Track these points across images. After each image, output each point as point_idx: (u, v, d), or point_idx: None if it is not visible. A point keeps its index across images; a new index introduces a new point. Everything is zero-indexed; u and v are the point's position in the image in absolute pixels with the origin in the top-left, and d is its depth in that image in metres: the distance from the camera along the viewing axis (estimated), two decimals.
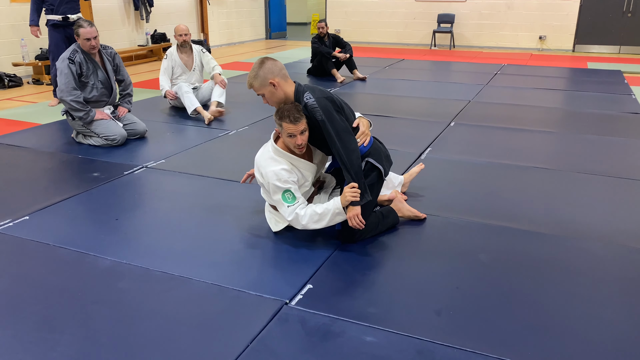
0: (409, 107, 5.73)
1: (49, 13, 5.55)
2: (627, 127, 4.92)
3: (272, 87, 2.53)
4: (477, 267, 2.46)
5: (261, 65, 2.53)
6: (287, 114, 2.44)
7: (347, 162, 2.47)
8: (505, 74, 7.87)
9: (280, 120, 2.47)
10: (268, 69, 2.52)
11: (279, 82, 2.53)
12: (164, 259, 2.51)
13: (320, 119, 2.48)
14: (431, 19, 11.60)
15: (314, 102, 2.48)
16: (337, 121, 2.49)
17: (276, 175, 2.50)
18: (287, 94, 2.56)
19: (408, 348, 1.90)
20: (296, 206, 2.52)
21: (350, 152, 2.48)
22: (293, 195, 2.52)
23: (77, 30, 4.10)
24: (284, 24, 14.11)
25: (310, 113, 2.50)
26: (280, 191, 2.52)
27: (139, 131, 4.47)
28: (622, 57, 10.13)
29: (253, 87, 2.57)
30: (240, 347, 1.89)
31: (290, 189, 2.52)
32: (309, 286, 2.29)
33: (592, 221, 2.94)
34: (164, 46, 9.52)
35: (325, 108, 2.48)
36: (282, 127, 2.48)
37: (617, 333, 2.00)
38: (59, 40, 5.61)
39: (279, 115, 2.48)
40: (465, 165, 3.85)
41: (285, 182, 2.51)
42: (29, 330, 2.00)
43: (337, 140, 2.47)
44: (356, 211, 2.48)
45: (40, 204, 3.13)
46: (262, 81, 2.52)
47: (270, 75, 2.51)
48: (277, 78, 2.52)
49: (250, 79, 2.56)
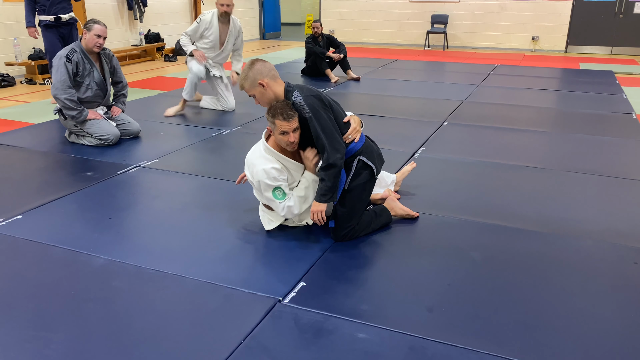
0: (402, 107, 5.75)
1: (41, 13, 5.55)
2: (618, 127, 4.96)
3: (262, 88, 2.57)
4: (469, 265, 2.48)
5: (251, 66, 2.57)
6: (280, 112, 2.47)
7: (329, 157, 2.50)
8: (498, 75, 7.91)
9: (273, 117, 2.48)
10: (257, 70, 2.56)
11: (268, 82, 2.57)
12: (157, 257, 2.51)
13: (308, 116, 2.52)
14: (425, 20, 11.64)
15: (301, 100, 2.52)
16: (324, 119, 2.53)
17: (266, 174, 2.54)
18: (277, 94, 2.59)
19: (400, 344, 1.92)
20: (287, 201, 2.58)
21: (334, 150, 2.51)
22: (283, 191, 2.58)
23: (91, 25, 4.11)
24: (278, 24, 14.11)
25: (298, 111, 2.54)
26: (271, 188, 2.56)
27: (132, 131, 4.47)
28: (613, 57, 10.20)
29: (244, 88, 2.62)
30: (234, 345, 1.90)
31: (281, 186, 2.57)
32: (302, 284, 2.30)
33: (583, 219, 2.97)
34: (158, 46, 9.50)
35: (312, 105, 2.52)
36: (274, 124, 2.49)
37: (607, 329, 2.02)
38: (53, 39, 5.61)
39: (272, 113, 2.50)
40: (458, 164, 3.87)
41: (275, 180, 2.55)
42: (23, 328, 2.00)
43: (323, 136, 2.50)
44: (320, 207, 2.56)
45: (33, 203, 3.12)
46: (252, 82, 2.57)
47: (259, 76, 2.56)
48: (267, 79, 2.56)
49: (241, 81, 2.61)
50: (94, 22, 4.14)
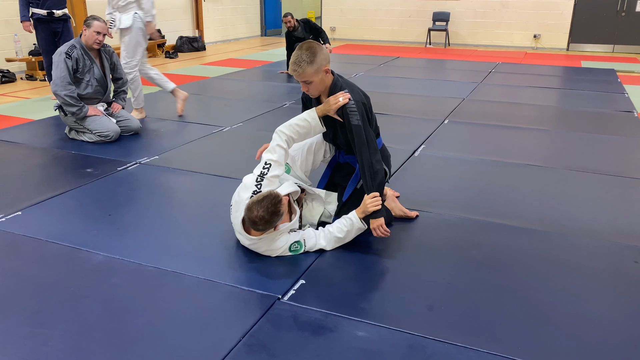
0: (403, 104, 5.74)
1: (35, 7, 5.53)
2: (619, 125, 4.95)
3: (324, 75, 2.46)
4: (469, 263, 2.48)
5: (316, 50, 2.41)
6: (257, 221, 2.28)
7: (371, 171, 2.44)
8: (499, 72, 7.89)
9: (251, 225, 2.33)
10: (324, 56, 2.43)
11: (329, 70, 2.47)
12: (157, 255, 2.51)
13: (356, 124, 2.44)
14: (426, 17, 11.62)
15: (353, 105, 2.44)
16: (369, 130, 2.47)
17: (277, 250, 2.45)
18: (327, 85, 2.52)
19: (400, 343, 1.91)
20: (309, 245, 2.49)
21: (377, 162, 2.45)
22: (297, 241, 2.48)
23: (91, 22, 4.10)
24: (279, 21, 14.06)
25: (346, 115, 2.45)
26: (287, 250, 2.47)
27: (132, 127, 4.46)
28: (615, 56, 10.17)
29: (304, 72, 2.41)
30: (233, 342, 1.90)
31: (290, 243, 2.46)
32: (302, 282, 2.29)
33: (584, 218, 2.96)
34: (159, 42, 9.48)
35: (362, 113, 2.45)
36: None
37: (607, 327, 2.02)
38: (46, 34, 5.60)
39: (249, 217, 2.29)
40: (459, 162, 3.86)
41: (285, 244, 2.45)
42: (21, 325, 2.00)
43: (368, 148, 2.44)
44: (380, 222, 2.46)
45: (33, 200, 3.12)
46: (318, 68, 2.42)
47: (324, 62, 2.44)
48: (329, 66, 2.47)
49: (302, 63, 2.39)
50: (93, 19, 4.12)
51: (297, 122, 2.53)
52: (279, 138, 2.50)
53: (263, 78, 7.48)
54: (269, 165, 2.44)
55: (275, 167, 2.45)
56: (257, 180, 2.42)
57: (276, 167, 2.46)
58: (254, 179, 2.44)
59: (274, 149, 2.49)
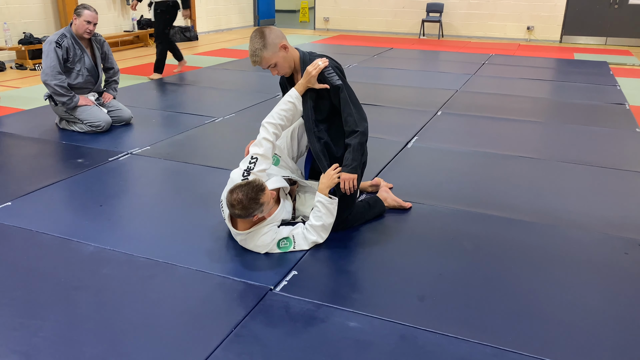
0: (396, 96, 5.73)
1: None
2: (611, 117, 4.97)
3: (284, 51, 2.46)
4: (460, 254, 2.48)
5: (265, 34, 2.40)
6: (235, 204, 2.24)
7: (358, 125, 2.45)
8: (492, 64, 7.89)
9: (229, 209, 2.30)
10: (275, 35, 2.43)
11: (287, 45, 2.47)
12: (148, 245, 2.50)
13: (338, 84, 2.46)
14: (420, 8, 11.58)
15: (329, 68, 2.47)
16: (350, 87, 2.51)
17: (265, 247, 2.42)
18: (295, 59, 2.52)
19: (391, 333, 1.92)
20: (298, 242, 2.45)
21: (362, 119, 2.49)
22: (286, 238, 2.44)
23: (81, 11, 4.05)
24: (272, 11, 14.00)
25: (326, 78, 2.46)
26: (275, 247, 2.43)
27: (124, 118, 4.43)
28: (608, 48, 10.20)
29: (262, 59, 2.42)
30: (225, 333, 1.90)
31: (279, 240, 2.43)
32: (294, 272, 2.29)
33: (575, 209, 2.98)
34: (150, 32, 9.40)
35: (341, 74, 2.49)
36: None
37: (598, 318, 2.03)
38: None
39: (229, 200, 2.26)
40: (452, 154, 3.87)
41: (273, 242, 2.42)
42: (12, 315, 1.98)
43: (351, 105, 2.47)
44: (352, 176, 2.45)
45: (23, 190, 3.09)
46: (273, 48, 2.41)
47: (278, 40, 2.43)
48: (284, 41, 2.46)
49: (257, 52, 2.40)
50: (84, 8, 4.07)
51: (281, 108, 2.53)
52: (265, 131, 2.49)
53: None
54: (255, 160, 2.42)
55: (262, 162, 2.43)
56: (243, 175, 2.40)
57: (263, 162, 2.44)
58: (241, 174, 2.42)
59: (260, 142, 2.47)
